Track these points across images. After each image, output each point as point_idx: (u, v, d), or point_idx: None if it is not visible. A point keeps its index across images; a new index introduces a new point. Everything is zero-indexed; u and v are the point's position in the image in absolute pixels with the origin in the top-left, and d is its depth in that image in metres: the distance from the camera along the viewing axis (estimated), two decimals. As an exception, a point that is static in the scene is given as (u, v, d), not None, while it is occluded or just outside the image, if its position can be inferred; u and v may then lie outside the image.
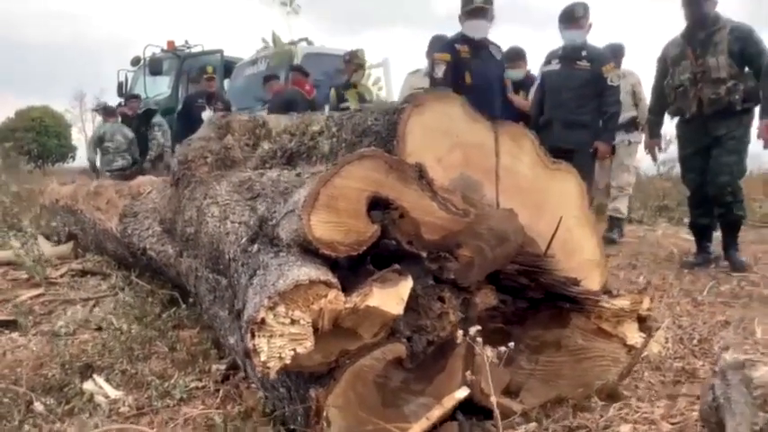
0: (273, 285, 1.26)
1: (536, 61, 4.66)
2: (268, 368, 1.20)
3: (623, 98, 5.02)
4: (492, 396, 1.19)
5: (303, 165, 2.09)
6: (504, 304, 1.69)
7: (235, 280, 1.62)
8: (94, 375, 2.23)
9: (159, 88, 10.46)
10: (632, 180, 5.71)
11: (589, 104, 4.41)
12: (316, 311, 1.26)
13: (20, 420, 1.88)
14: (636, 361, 1.87)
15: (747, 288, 3.50)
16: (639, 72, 5.69)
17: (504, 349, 1.28)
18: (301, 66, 7.13)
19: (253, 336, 1.21)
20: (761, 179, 8.55)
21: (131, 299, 3.16)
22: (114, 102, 10.71)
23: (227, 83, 10.06)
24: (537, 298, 1.69)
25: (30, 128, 17.78)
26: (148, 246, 3.00)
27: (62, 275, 3.88)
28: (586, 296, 1.66)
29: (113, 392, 2.10)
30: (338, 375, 1.39)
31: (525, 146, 1.77)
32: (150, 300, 3.07)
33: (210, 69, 7.09)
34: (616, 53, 5.41)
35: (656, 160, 4.97)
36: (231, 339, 1.87)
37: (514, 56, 5.08)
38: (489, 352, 1.17)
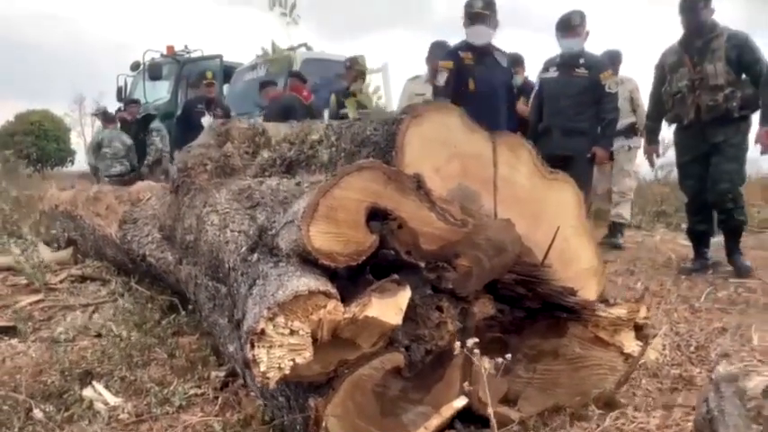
0: (273, 296, 1.27)
1: (536, 66, 4.67)
2: (268, 378, 1.21)
3: (621, 104, 5.07)
4: (489, 407, 1.20)
5: (302, 173, 2.10)
6: (501, 314, 1.69)
7: (234, 289, 1.63)
8: (94, 382, 2.24)
9: (159, 93, 10.48)
10: (633, 185, 5.76)
11: (587, 111, 4.43)
12: (315, 322, 1.27)
13: (19, 428, 1.89)
14: (633, 369, 1.89)
15: (744, 295, 3.52)
16: (637, 78, 5.76)
17: (501, 361, 1.29)
18: (299, 72, 7.14)
19: (252, 346, 1.21)
20: (759, 184, 8.57)
21: (131, 305, 3.16)
22: (114, 106, 10.75)
23: (226, 88, 10.09)
24: (534, 308, 1.70)
25: (29, 132, 17.78)
26: (148, 252, 3.01)
27: (61, 281, 3.89)
28: (583, 306, 1.67)
29: (113, 399, 2.11)
30: (337, 385, 1.40)
31: (523, 156, 1.79)
32: (150, 306, 3.07)
33: (210, 75, 7.09)
34: (613, 60, 5.46)
35: (654, 166, 5.02)
36: (231, 347, 1.88)
37: (512, 62, 5.11)
38: (487, 364, 1.18)
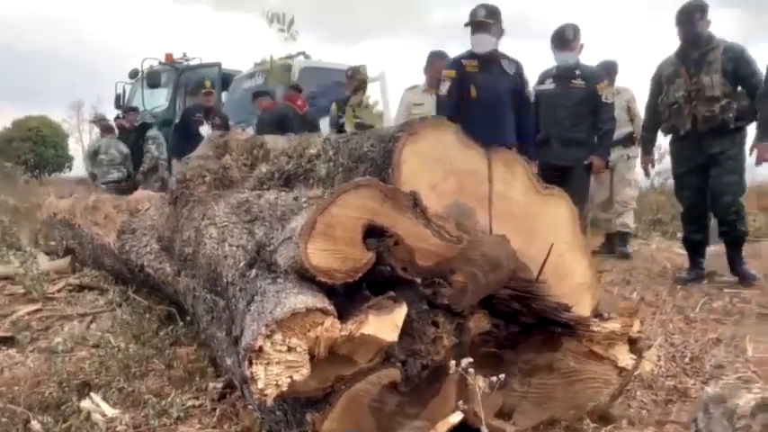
0: (271, 313, 1.28)
1: (532, 72, 4.67)
2: (265, 395, 1.22)
3: (619, 114, 5.13)
4: (483, 427, 1.22)
5: (300, 187, 2.12)
6: (497, 329, 1.71)
7: (233, 304, 1.65)
8: (92, 393, 2.24)
9: (157, 100, 10.49)
10: (635, 194, 5.83)
11: (584, 122, 4.48)
12: (312, 339, 1.28)
13: (18, 439, 1.90)
14: (627, 383, 1.90)
15: (739, 305, 3.55)
16: (633, 88, 5.82)
17: (495, 379, 1.30)
18: (296, 83, 7.20)
19: (250, 363, 1.23)
20: (754, 191, 8.60)
21: (128, 315, 3.17)
22: (112, 113, 10.77)
23: (225, 95, 10.12)
24: (529, 323, 1.72)
25: (27, 138, 17.79)
26: (146, 263, 3.02)
27: (59, 290, 3.89)
28: (577, 322, 1.69)
29: (110, 411, 2.12)
30: (334, 400, 1.41)
31: (518, 172, 1.81)
32: (147, 316, 3.08)
33: (208, 84, 7.10)
34: (610, 70, 5.52)
35: (649, 176, 5.09)
36: (228, 360, 1.89)
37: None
38: (481, 383, 1.20)
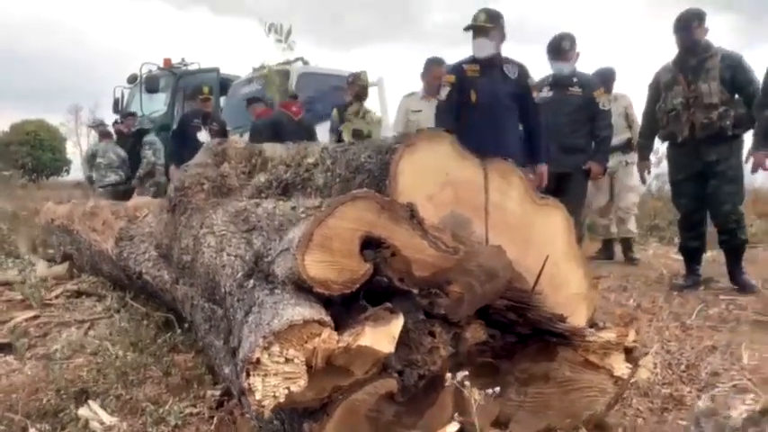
0: (268, 325, 1.29)
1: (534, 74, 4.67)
2: (263, 407, 1.23)
3: (617, 121, 5.18)
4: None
5: (298, 196, 2.13)
6: (493, 339, 1.72)
7: (231, 314, 1.66)
8: (89, 401, 2.25)
9: (155, 105, 10.50)
10: (637, 200, 5.88)
11: (582, 129, 4.54)
12: (309, 350, 1.29)
13: (15, 448, 1.90)
14: (622, 392, 1.91)
15: (735, 312, 3.56)
16: (631, 94, 5.86)
17: (491, 392, 1.32)
18: (293, 92, 7.24)
19: (248, 375, 1.24)
20: (751, 197, 8.61)
21: (126, 322, 3.18)
22: (110, 117, 10.79)
23: (223, 100, 10.13)
24: (525, 333, 1.73)
25: (24, 141, 17.82)
26: (144, 270, 3.03)
27: (57, 296, 3.91)
28: (573, 332, 1.70)
29: (108, 419, 2.12)
30: (331, 410, 1.42)
31: (514, 182, 1.83)
32: (145, 322, 3.09)
33: (206, 90, 7.07)
34: (607, 77, 5.56)
35: (646, 183, 5.12)
36: (226, 369, 1.89)
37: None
38: (477, 395, 1.21)
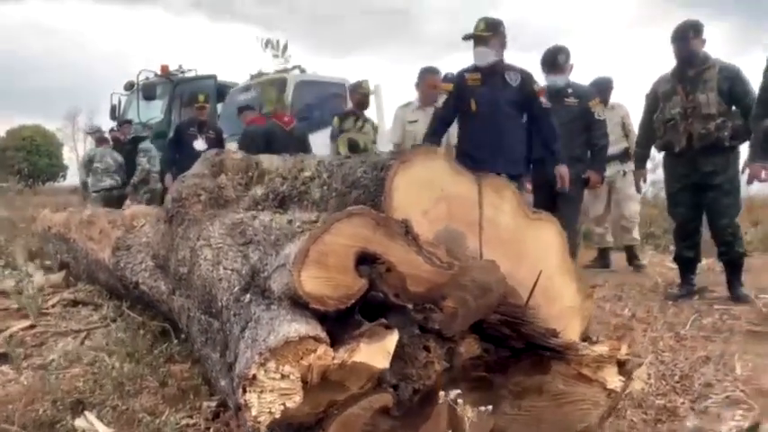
0: (264, 341, 1.31)
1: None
2: (259, 422, 1.25)
3: (613, 130, 5.22)
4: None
5: (295, 209, 2.15)
6: (487, 353, 1.74)
7: (227, 328, 1.67)
8: (86, 412, 2.25)
9: (152, 112, 10.52)
10: (638, 208, 5.96)
11: (579, 139, 4.59)
12: (305, 366, 1.30)
13: (12, 460, 1.91)
14: (615, 405, 1.93)
15: (729, 322, 3.59)
16: (627, 104, 5.92)
17: (484, 410, 1.33)
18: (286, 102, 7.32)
19: (244, 391, 1.25)
20: (745, 206, 8.64)
21: (123, 332, 3.18)
22: (107, 124, 10.81)
23: (220, 107, 10.16)
24: (518, 347, 1.75)
25: (21, 147, 17.82)
26: (141, 280, 3.04)
27: (54, 305, 3.90)
28: (566, 347, 1.72)
29: (104, 429, 2.13)
30: (326, 425, 1.43)
31: (507, 197, 1.85)
32: (142, 332, 3.09)
33: (202, 98, 7.05)
34: (605, 87, 5.62)
35: (641, 192, 5.18)
36: (222, 382, 1.90)
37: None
38: (470, 412, 1.23)
